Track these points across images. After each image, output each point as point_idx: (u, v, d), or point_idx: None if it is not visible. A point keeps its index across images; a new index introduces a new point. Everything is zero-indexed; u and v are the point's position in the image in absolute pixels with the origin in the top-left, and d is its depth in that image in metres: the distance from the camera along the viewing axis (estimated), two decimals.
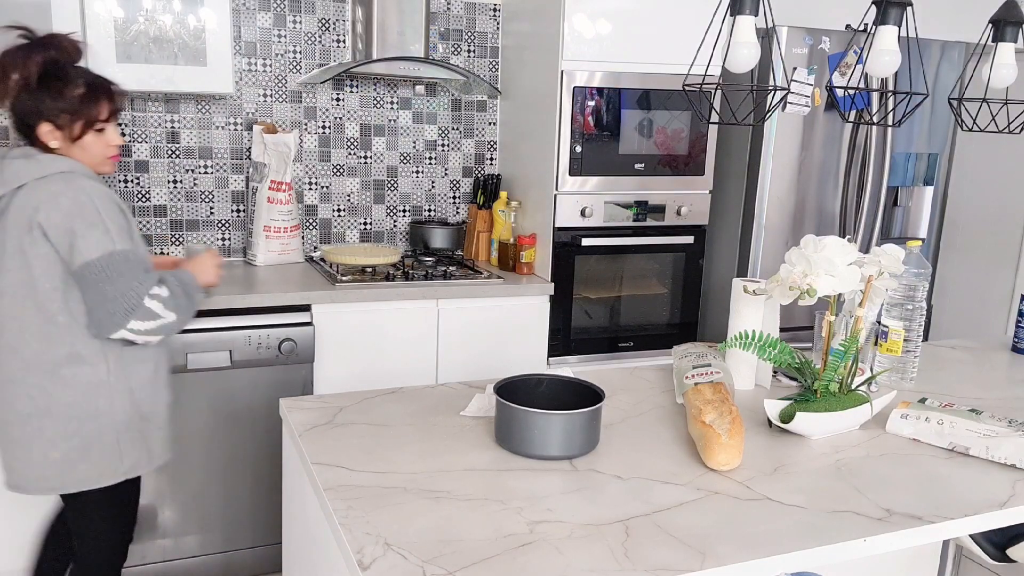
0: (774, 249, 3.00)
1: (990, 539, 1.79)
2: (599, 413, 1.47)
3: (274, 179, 2.86)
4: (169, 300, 1.79)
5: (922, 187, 3.18)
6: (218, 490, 2.58)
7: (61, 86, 1.76)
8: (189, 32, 2.56)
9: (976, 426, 1.53)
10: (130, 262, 1.74)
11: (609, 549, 1.15)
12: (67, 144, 1.79)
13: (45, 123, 1.76)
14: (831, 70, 2.88)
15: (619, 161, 2.89)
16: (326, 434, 1.51)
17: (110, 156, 1.86)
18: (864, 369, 1.76)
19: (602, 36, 2.78)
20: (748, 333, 1.63)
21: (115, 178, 2.86)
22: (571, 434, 1.43)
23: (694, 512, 1.27)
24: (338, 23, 3.03)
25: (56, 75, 1.76)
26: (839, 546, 1.20)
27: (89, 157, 1.82)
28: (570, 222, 2.89)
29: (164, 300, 1.78)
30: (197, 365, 2.46)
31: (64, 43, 1.80)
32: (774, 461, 1.47)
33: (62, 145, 1.79)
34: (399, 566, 1.08)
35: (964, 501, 1.35)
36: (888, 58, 1.75)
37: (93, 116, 1.78)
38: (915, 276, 1.86)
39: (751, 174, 2.99)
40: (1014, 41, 1.91)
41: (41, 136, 1.78)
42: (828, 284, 1.56)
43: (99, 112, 1.79)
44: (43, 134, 1.77)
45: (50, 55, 1.77)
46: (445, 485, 1.33)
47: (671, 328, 3.12)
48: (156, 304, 1.76)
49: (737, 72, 1.64)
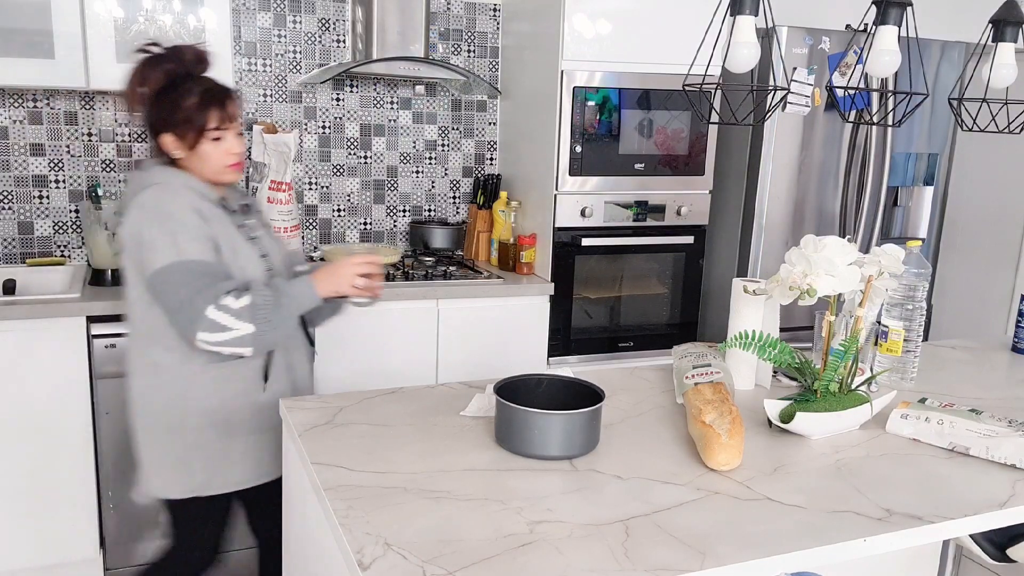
0: (774, 249, 3.00)
1: (990, 539, 1.79)
2: (599, 413, 1.47)
3: (274, 179, 2.86)
4: (245, 311, 1.70)
5: (922, 187, 3.18)
6: None
7: (176, 97, 1.77)
8: (189, 32, 2.56)
9: (976, 426, 1.53)
10: (193, 272, 1.70)
11: (609, 549, 1.15)
12: (188, 154, 1.80)
13: (166, 134, 1.79)
14: (831, 70, 2.88)
15: (619, 161, 2.89)
16: (326, 434, 1.51)
17: (229, 164, 1.82)
18: (864, 369, 1.76)
19: (602, 36, 2.78)
20: (748, 333, 1.63)
21: (115, 178, 2.86)
22: (571, 434, 1.43)
23: (694, 512, 1.27)
24: (338, 23, 3.03)
25: (173, 86, 1.78)
26: (839, 546, 1.20)
27: (209, 167, 1.81)
28: (570, 222, 2.89)
29: (236, 311, 1.69)
30: None
31: (186, 54, 1.81)
32: (774, 461, 1.47)
33: (185, 155, 1.80)
34: (399, 566, 1.08)
35: (964, 501, 1.34)
36: (888, 58, 1.75)
37: (202, 125, 1.77)
38: (915, 276, 1.86)
39: (751, 174, 2.99)
40: (1014, 41, 1.91)
41: (165, 147, 1.80)
42: (828, 284, 1.56)
43: (208, 120, 1.77)
44: (166, 145, 1.80)
45: (169, 67, 1.78)
46: (445, 485, 1.33)
47: (671, 328, 3.12)
48: (223, 315, 1.69)
49: (737, 72, 1.64)
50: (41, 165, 2.78)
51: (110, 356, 2.37)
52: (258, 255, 1.85)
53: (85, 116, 2.80)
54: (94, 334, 2.36)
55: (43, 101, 2.75)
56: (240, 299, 1.70)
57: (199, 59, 1.83)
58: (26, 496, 2.38)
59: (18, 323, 2.28)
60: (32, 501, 2.38)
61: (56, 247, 2.85)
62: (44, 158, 2.78)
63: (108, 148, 2.84)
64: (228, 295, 1.71)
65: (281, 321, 1.75)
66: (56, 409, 2.35)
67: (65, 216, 2.83)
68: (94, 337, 2.36)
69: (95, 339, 2.36)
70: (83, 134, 2.81)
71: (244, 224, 1.87)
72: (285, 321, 1.76)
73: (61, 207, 2.82)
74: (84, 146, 2.82)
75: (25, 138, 2.75)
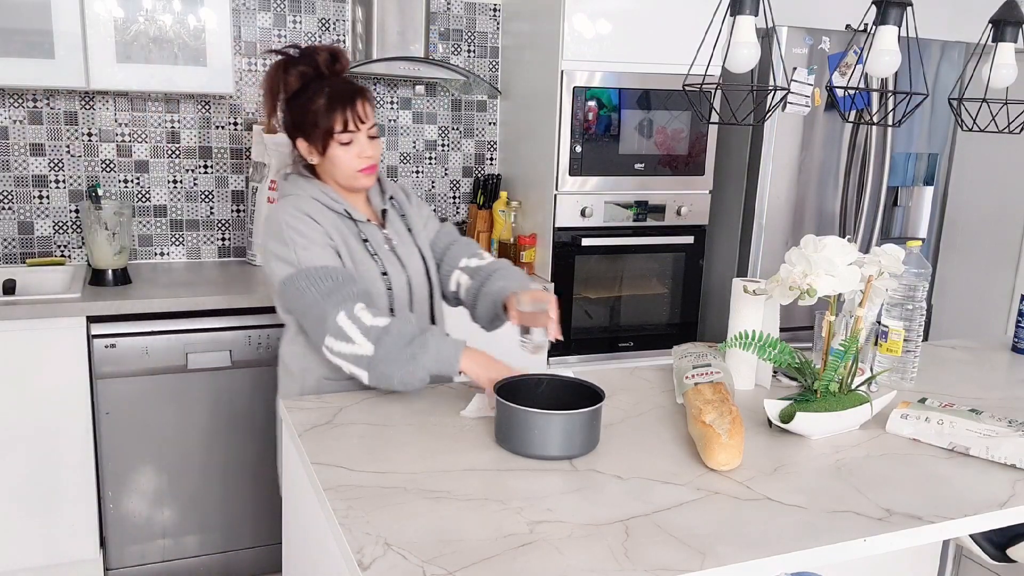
0: (774, 249, 3.00)
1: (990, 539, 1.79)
2: (599, 413, 1.47)
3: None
4: (374, 331, 1.60)
5: (922, 187, 3.18)
6: (218, 490, 2.58)
7: (305, 101, 1.73)
8: (189, 32, 2.56)
9: (976, 426, 1.53)
10: (315, 277, 1.65)
11: (609, 549, 1.15)
12: (321, 160, 1.76)
13: (300, 140, 1.76)
14: (831, 70, 2.88)
15: (619, 161, 2.89)
16: (326, 434, 1.51)
17: (360, 169, 1.76)
18: (864, 369, 1.76)
19: (602, 36, 2.78)
20: (748, 333, 1.63)
21: (115, 178, 2.87)
22: (571, 434, 1.42)
23: (694, 512, 1.27)
24: (338, 23, 3.03)
25: (304, 90, 1.73)
26: (839, 546, 1.20)
27: (341, 172, 1.76)
28: (570, 222, 2.89)
29: (366, 327, 1.60)
30: (197, 365, 2.46)
31: (319, 55, 1.75)
32: (774, 461, 1.47)
33: (319, 161, 1.77)
34: (399, 566, 1.08)
35: (964, 501, 1.34)
36: (888, 58, 1.75)
37: (329, 128, 1.72)
38: (915, 276, 1.86)
39: (751, 174, 2.99)
40: (1014, 41, 1.91)
41: (301, 152, 1.78)
42: (828, 284, 1.56)
43: (334, 123, 1.71)
44: (301, 150, 1.77)
45: (302, 69, 1.74)
46: (445, 485, 1.32)
47: (671, 328, 3.12)
48: (352, 326, 1.60)
49: (737, 72, 1.64)
50: (41, 165, 2.78)
51: (110, 356, 2.38)
52: (378, 272, 1.77)
53: (85, 116, 2.80)
54: (94, 334, 2.36)
55: (43, 101, 2.75)
56: (377, 317, 1.62)
57: (334, 59, 1.76)
58: (26, 496, 2.38)
59: (18, 323, 2.28)
60: (32, 501, 2.39)
61: (56, 247, 2.85)
62: (44, 158, 2.78)
63: (108, 148, 2.84)
64: (363, 307, 1.63)
65: (404, 363, 1.59)
66: (56, 409, 2.35)
67: (65, 216, 2.83)
68: (94, 337, 2.36)
69: (95, 339, 2.36)
70: (83, 134, 2.81)
71: (368, 238, 1.79)
72: (407, 366, 1.60)
73: (61, 207, 2.83)
74: (84, 146, 2.82)
75: (25, 138, 2.75)
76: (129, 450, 2.46)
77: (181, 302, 2.43)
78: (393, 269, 1.81)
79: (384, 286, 1.78)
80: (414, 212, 1.95)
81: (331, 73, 1.77)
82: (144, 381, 2.43)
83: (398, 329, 1.61)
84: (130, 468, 2.47)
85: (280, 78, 1.76)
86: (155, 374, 2.43)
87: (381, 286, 1.78)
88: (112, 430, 2.43)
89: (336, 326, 1.61)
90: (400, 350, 1.59)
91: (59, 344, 2.33)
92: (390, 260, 1.81)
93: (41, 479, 2.38)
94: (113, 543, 2.51)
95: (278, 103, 1.77)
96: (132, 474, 2.48)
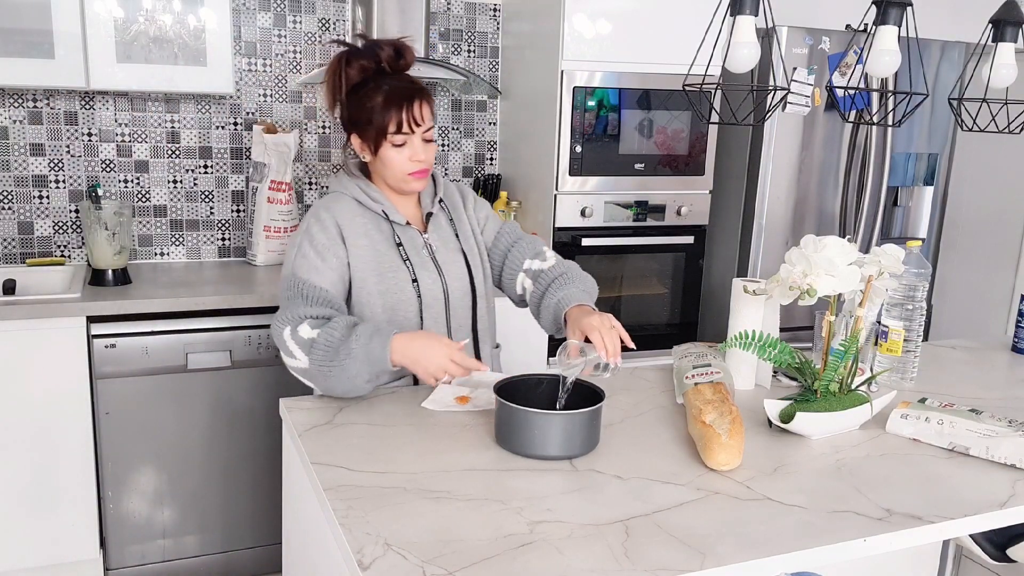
0: (774, 249, 3.00)
1: (990, 539, 1.78)
2: (599, 413, 1.47)
3: (274, 179, 2.86)
4: (307, 344, 1.59)
5: (922, 187, 3.18)
6: (218, 490, 2.58)
7: (363, 96, 1.69)
8: (189, 32, 2.56)
9: (976, 426, 1.53)
10: (291, 289, 1.66)
11: (609, 549, 1.15)
12: (372, 159, 1.73)
13: (354, 135, 1.73)
14: (831, 70, 2.88)
15: (619, 161, 2.89)
16: (326, 434, 1.51)
17: (411, 173, 1.72)
18: (864, 369, 1.76)
19: (602, 36, 2.78)
20: (748, 333, 1.63)
21: (115, 178, 2.87)
22: (571, 434, 1.42)
23: (694, 512, 1.27)
24: (338, 23, 3.03)
25: (364, 84, 1.69)
26: (839, 546, 1.20)
27: (391, 173, 1.73)
28: (570, 222, 2.89)
29: (303, 341, 1.59)
30: (197, 365, 2.46)
31: (383, 50, 1.70)
32: (774, 461, 1.47)
33: (371, 159, 1.74)
34: (399, 566, 1.08)
35: (964, 501, 1.34)
36: (888, 58, 1.75)
37: (383, 127, 1.68)
38: (915, 276, 1.86)
39: (751, 174, 2.99)
40: (1014, 41, 1.91)
41: (355, 149, 1.75)
42: (828, 284, 1.56)
43: (388, 123, 1.67)
44: (355, 147, 1.75)
45: (364, 63, 1.69)
46: (445, 485, 1.32)
47: (671, 328, 3.12)
48: (292, 342, 1.60)
49: (737, 72, 1.64)
50: (41, 165, 2.78)
51: (110, 356, 2.38)
52: (408, 278, 1.73)
53: (85, 116, 2.80)
54: (94, 334, 2.36)
55: (43, 101, 2.75)
56: (312, 330, 1.60)
57: (398, 55, 1.71)
58: (26, 496, 2.38)
59: (18, 323, 2.28)
60: (32, 501, 2.38)
61: (56, 247, 2.85)
62: (44, 158, 2.78)
63: (108, 148, 2.84)
64: (307, 322, 1.61)
65: (338, 374, 1.57)
66: (56, 409, 2.35)
67: (65, 216, 2.83)
68: (94, 337, 2.36)
69: (95, 339, 2.36)
70: (83, 134, 2.81)
71: (402, 242, 1.76)
72: (341, 376, 1.57)
73: (61, 207, 2.83)
74: (84, 146, 2.82)
75: (25, 138, 2.75)
76: (129, 450, 2.46)
77: (181, 302, 2.43)
78: (427, 276, 1.76)
79: (413, 293, 1.75)
80: (468, 215, 1.90)
81: (393, 70, 1.72)
82: (144, 381, 2.43)
83: (325, 339, 1.57)
84: (130, 468, 2.47)
85: (341, 71, 1.70)
86: (155, 374, 2.43)
87: (410, 293, 1.74)
88: (112, 430, 2.43)
89: (283, 342, 1.63)
90: (330, 363, 1.56)
91: (59, 344, 2.33)
92: (425, 266, 1.77)
93: (41, 479, 2.38)
94: (113, 543, 2.51)
95: (338, 96, 1.73)
96: (132, 474, 2.48)
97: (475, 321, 1.86)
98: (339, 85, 1.71)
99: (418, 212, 1.85)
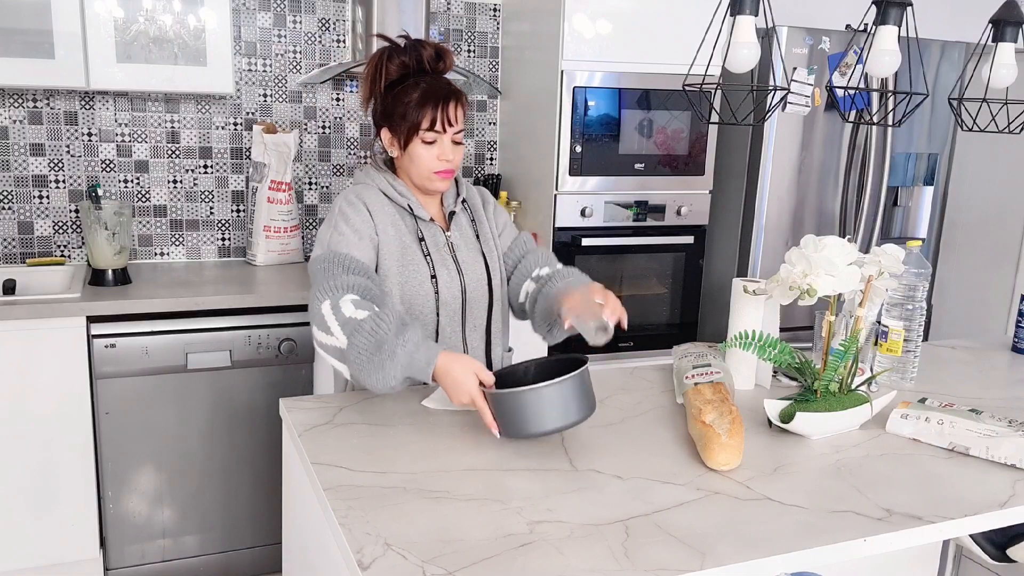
0: (774, 249, 3.00)
1: (990, 539, 1.79)
2: (586, 376, 1.45)
3: (274, 179, 2.86)
4: (350, 324, 1.52)
5: (922, 187, 3.18)
6: (218, 490, 2.58)
7: (400, 91, 1.71)
8: (189, 32, 2.56)
9: (976, 426, 1.53)
10: (330, 261, 1.63)
11: (609, 549, 1.15)
12: (401, 154, 1.75)
13: (385, 129, 1.75)
14: (831, 70, 2.88)
15: (619, 161, 2.89)
16: (326, 434, 1.51)
17: (437, 171, 1.74)
18: (864, 369, 1.76)
19: (602, 36, 2.78)
20: (748, 333, 1.63)
21: (115, 178, 2.87)
22: (565, 401, 1.41)
23: (694, 512, 1.27)
24: (338, 23, 3.03)
25: (402, 80, 1.72)
26: (839, 546, 1.20)
27: (417, 170, 1.75)
28: (570, 222, 2.89)
29: (343, 319, 1.52)
30: (197, 365, 2.46)
31: (425, 50, 1.73)
32: (774, 461, 1.47)
33: (398, 154, 1.76)
34: (399, 566, 1.08)
35: (964, 501, 1.34)
36: (888, 58, 1.75)
37: (417, 123, 1.70)
38: (915, 276, 1.86)
39: (751, 174, 2.99)
40: (1014, 41, 1.91)
41: (384, 143, 1.77)
42: (828, 284, 1.56)
43: (422, 119, 1.69)
44: (384, 141, 1.77)
45: (405, 60, 1.72)
46: (445, 485, 1.32)
47: (671, 328, 3.12)
48: (332, 317, 1.54)
49: (737, 72, 1.64)
50: (41, 165, 2.78)
51: (110, 356, 2.38)
52: (427, 274, 1.74)
53: (85, 116, 2.80)
54: (94, 334, 2.36)
55: (43, 101, 2.75)
56: (358, 311, 1.53)
57: (438, 56, 1.74)
58: (26, 496, 2.38)
59: (18, 323, 2.28)
60: (32, 501, 2.39)
61: (56, 247, 2.85)
62: (44, 158, 2.78)
63: (108, 148, 2.84)
64: (351, 297, 1.56)
65: (373, 370, 1.50)
66: (56, 409, 2.35)
67: (65, 216, 2.83)
68: (94, 337, 2.36)
69: (95, 339, 2.36)
70: (83, 134, 2.81)
71: (425, 238, 1.77)
72: (376, 373, 1.50)
73: (61, 207, 2.83)
74: (84, 146, 2.82)
75: (25, 138, 2.75)
76: (129, 450, 2.46)
77: (181, 302, 2.43)
78: (446, 273, 1.77)
79: (431, 289, 1.75)
80: (488, 218, 1.91)
81: (433, 70, 1.75)
82: (144, 381, 2.43)
83: (371, 328, 1.50)
84: (130, 468, 2.47)
85: (382, 65, 1.73)
86: (155, 374, 2.43)
87: (428, 289, 1.75)
88: (112, 430, 2.43)
89: (320, 315, 1.56)
90: (370, 355, 1.50)
91: (59, 344, 2.33)
92: (445, 264, 1.78)
93: (41, 479, 2.38)
94: (113, 543, 2.51)
95: (375, 90, 1.75)
96: (132, 474, 2.48)
97: (489, 322, 1.87)
98: (379, 78, 1.73)
99: (441, 211, 1.87)
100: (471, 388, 1.47)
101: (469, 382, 1.48)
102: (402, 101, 1.70)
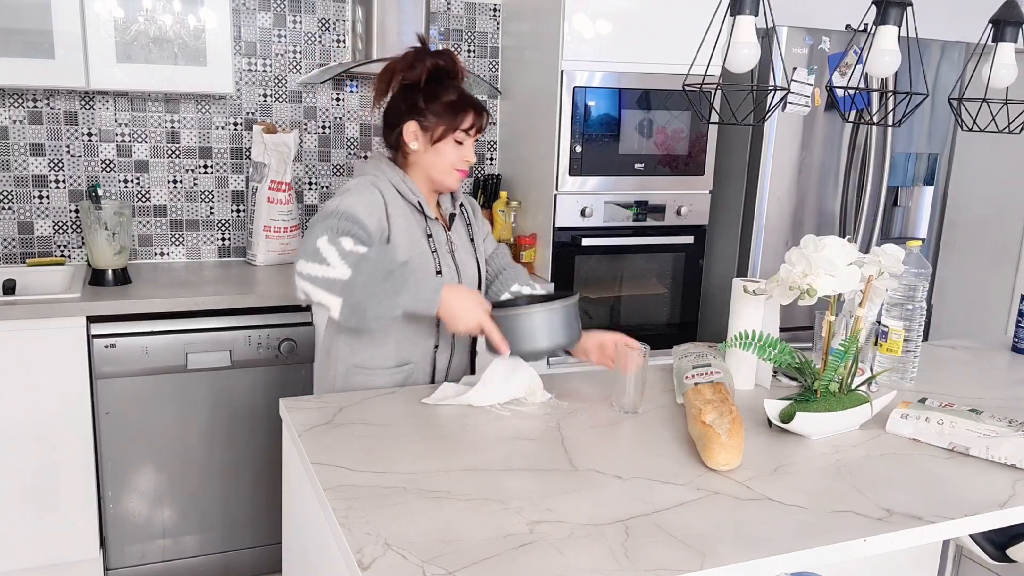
0: (774, 249, 3.00)
1: (990, 539, 1.79)
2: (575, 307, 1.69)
3: (274, 179, 2.86)
4: (353, 256, 1.55)
5: (922, 187, 3.18)
6: (218, 490, 2.58)
7: (439, 89, 1.78)
8: (189, 32, 2.56)
9: (976, 426, 1.53)
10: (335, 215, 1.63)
11: (609, 549, 1.15)
12: (426, 146, 1.79)
13: (412, 121, 1.78)
14: (831, 70, 2.88)
15: (619, 161, 2.89)
16: (326, 434, 1.51)
17: (458, 168, 1.81)
18: (864, 369, 1.76)
19: (602, 36, 2.78)
20: (748, 333, 1.63)
21: (115, 178, 2.86)
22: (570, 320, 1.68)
23: (694, 512, 1.27)
24: (338, 23, 3.03)
25: (437, 80, 1.79)
26: (839, 546, 1.20)
27: (439, 164, 1.80)
28: (570, 222, 2.89)
29: (344, 252, 1.56)
30: (197, 365, 2.46)
31: (454, 60, 1.83)
32: (774, 461, 1.47)
33: (420, 147, 1.79)
34: (399, 566, 1.08)
35: (964, 501, 1.35)
36: (888, 58, 1.75)
37: (457, 123, 1.77)
38: (915, 276, 1.86)
39: (751, 174, 2.99)
40: (1014, 41, 1.91)
41: (405, 136, 1.80)
42: (828, 284, 1.56)
43: (463, 121, 1.78)
44: (407, 134, 1.79)
45: (440, 63, 1.80)
46: (445, 485, 1.33)
47: (671, 328, 3.12)
48: (331, 249, 1.55)
49: (737, 72, 1.64)
50: (41, 165, 2.78)
51: (110, 356, 2.38)
52: (433, 270, 1.79)
53: (85, 116, 2.80)
54: (94, 334, 2.36)
55: (43, 101, 2.75)
56: (358, 246, 1.58)
57: (461, 70, 1.85)
58: (26, 496, 2.38)
59: (18, 323, 2.28)
60: (32, 501, 2.39)
61: (56, 247, 2.85)
62: (44, 158, 2.78)
63: (108, 148, 2.84)
64: (350, 237, 1.60)
65: (380, 297, 1.55)
66: (56, 409, 2.35)
67: (65, 216, 2.83)
68: (94, 337, 2.36)
69: (95, 339, 2.36)
70: (83, 134, 2.81)
71: (432, 235, 1.81)
72: (383, 301, 1.55)
73: (61, 207, 2.83)
74: (84, 146, 2.82)
75: (25, 138, 2.75)
76: (129, 450, 2.46)
77: (181, 302, 2.43)
78: (447, 271, 1.83)
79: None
80: (478, 226, 2.00)
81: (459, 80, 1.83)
82: (144, 381, 2.43)
83: (378, 257, 1.57)
84: (130, 468, 2.47)
85: (417, 62, 1.78)
86: (155, 374, 2.43)
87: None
88: (112, 430, 2.43)
89: (313, 248, 1.57)
90: (378, 283, 1.54)
91: (59, 344, 2.33)
92: (447, 262, 1.83)
93: (41, 479, 2.38)
94: (113, 543, 2.51)
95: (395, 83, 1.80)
96: (132, 474, 2.48)
97: None
98: (421, 71, 1.78)
99: (439, 212, 1.91)
100: (479, 312, 1.64)
101: (477, 307, 1.64)
102: (442, 99, 1.77)
